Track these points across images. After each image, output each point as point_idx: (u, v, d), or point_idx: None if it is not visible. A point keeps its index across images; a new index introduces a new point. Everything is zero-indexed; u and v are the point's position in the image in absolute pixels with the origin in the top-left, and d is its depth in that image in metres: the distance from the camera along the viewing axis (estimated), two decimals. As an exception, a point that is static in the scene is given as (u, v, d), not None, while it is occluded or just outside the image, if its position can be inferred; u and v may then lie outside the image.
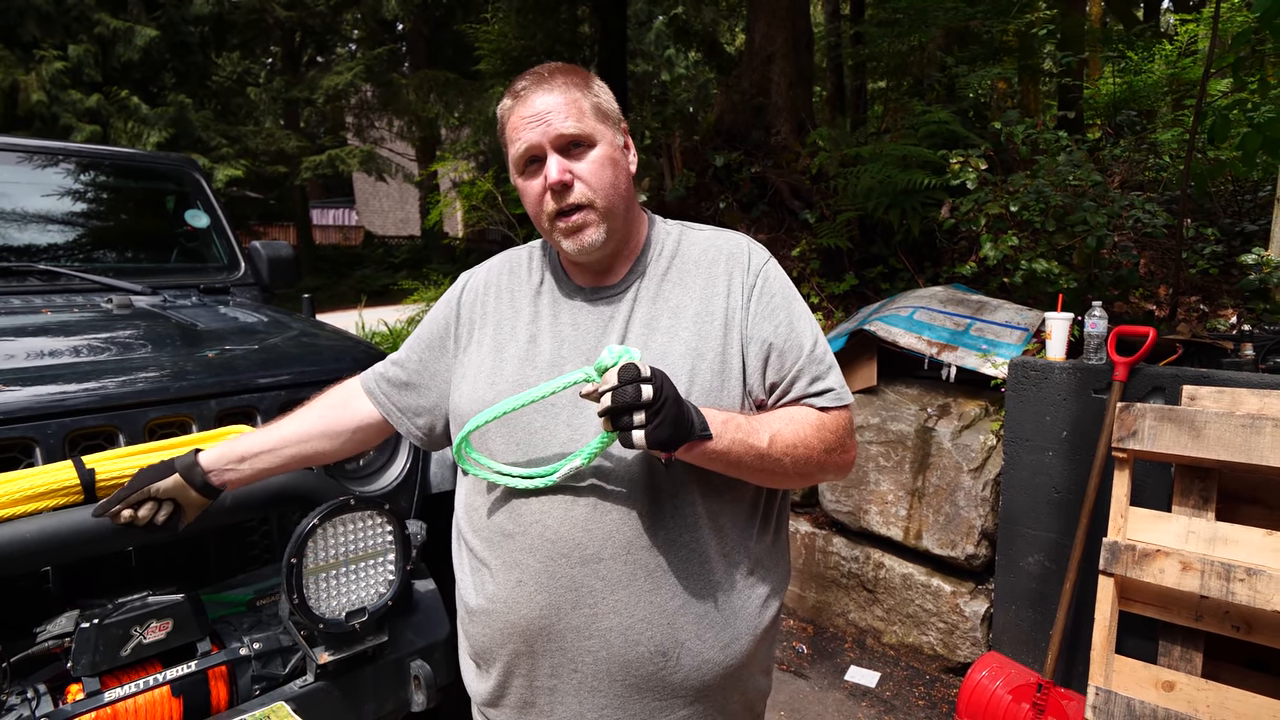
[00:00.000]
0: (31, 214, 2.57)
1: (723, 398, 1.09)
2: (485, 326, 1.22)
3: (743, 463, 1.03)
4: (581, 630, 1.07)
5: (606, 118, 1.13)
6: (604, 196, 1.10)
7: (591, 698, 1.09)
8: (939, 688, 2.78)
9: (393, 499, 1.87)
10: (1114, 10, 7.07)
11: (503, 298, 1.24)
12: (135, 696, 1.31)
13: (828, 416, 1.12)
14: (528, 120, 1.09)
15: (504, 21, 8.27)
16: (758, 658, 1.16)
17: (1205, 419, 2.01)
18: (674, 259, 1.18)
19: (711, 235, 1.21)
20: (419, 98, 16.39)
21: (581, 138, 1.09)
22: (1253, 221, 3.62)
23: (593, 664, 1.07)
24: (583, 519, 1.06)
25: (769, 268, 1.17)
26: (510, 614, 1.10)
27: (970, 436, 2.80)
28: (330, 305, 12.73)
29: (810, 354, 1.13)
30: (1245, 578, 1.90)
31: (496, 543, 1.13)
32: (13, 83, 10.94)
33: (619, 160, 1.13)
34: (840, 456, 1.13)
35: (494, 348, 1.18)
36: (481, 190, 6.42)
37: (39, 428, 1.42)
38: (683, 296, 1.14)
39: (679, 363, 1.09)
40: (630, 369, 0.93)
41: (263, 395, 1.71)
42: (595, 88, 1.13)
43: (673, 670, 1.07)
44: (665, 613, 1.06)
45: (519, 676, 1.13)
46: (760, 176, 4.69)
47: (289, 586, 1.39)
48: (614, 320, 1.14)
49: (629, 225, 1.17)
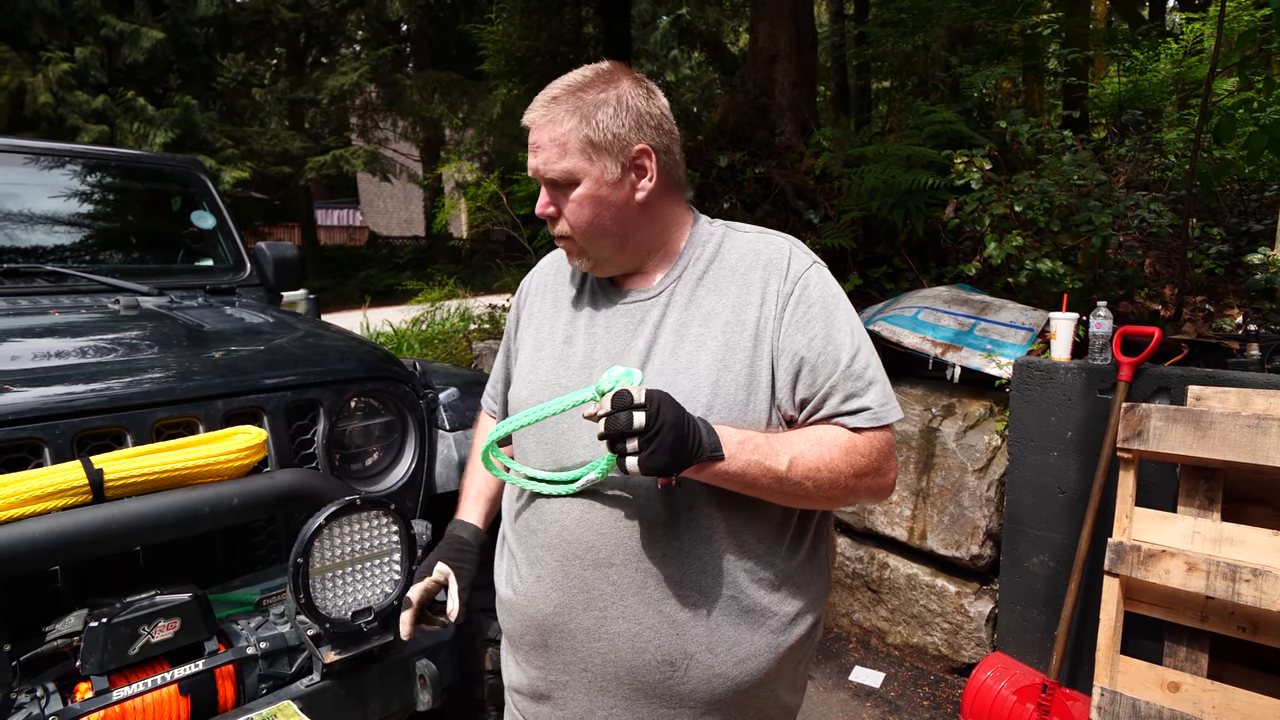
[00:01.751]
0: (38, 215, 2.59)
1: (748, 412, 1.06)
2: (529, 326, 1.26)
3: (759, 485, 1.01)
4: (591, 632, 1.08)
5: (600, 151, 1.07)
6: (581, 234, 1.11)
7: (601, 697, 1.10)
8: (944, 688, 2.78)
9: (398, 499, 1.88)
10: (1119, 9, 7.05)
11: (548, 297, 1.26)
12: (143, 695, 1.32)
13: (860, 438, 1.05)
14: (529, 143, 1.11)
15: (508, 22, 8.28)
16: (780, 675, 1.13)
17: (1211, 419, 2.01)
18: (711, 263, 1.15)
19: (753, 239, 1.18)
20: (423, 98, 16.43)
21: (560, 180, 1.08)
22: (1258, 221, 3.61)
23: (601, 665, 1.09)
24: (598, 523, 1.07)
25: (810, 275, 1.12)
26: (529, 607, 1.14)
27: (975, 437, 2.80)
28: (335, 306, 12.75)
29: (846, 369, 1.06)
30: (1251, 578, 1.89)
31: (524, 537, 1.16)
32: (20, 84, 10.99)
33: (605, 197, 1.09)
34: (874, 480, 1.07)
35: (534, 346, 1.22)
36: (486, 191, 6.43)
37: (47, 428, 1.43)
38: (716, 303, 1.11)
39: (704, 373, 1.06)
40: (623, 396, 0.92)
41: (269, 396, 1.71)
42: (600, 115, 1.07)
43: (680, 680, 1.07)
44: (674, 623, 1.06)
45: (536, 668, 1.16)
46: (764, 177, 4.68)
47: (295, 586, 1.40)
48: (644, 325, 1.13)
49: (645, 243, 1.15)
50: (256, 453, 1.57)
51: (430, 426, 2.00)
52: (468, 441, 2.02)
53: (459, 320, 7.61)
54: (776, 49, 5.21)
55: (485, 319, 6.88)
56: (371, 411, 1.93)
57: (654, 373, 1.09)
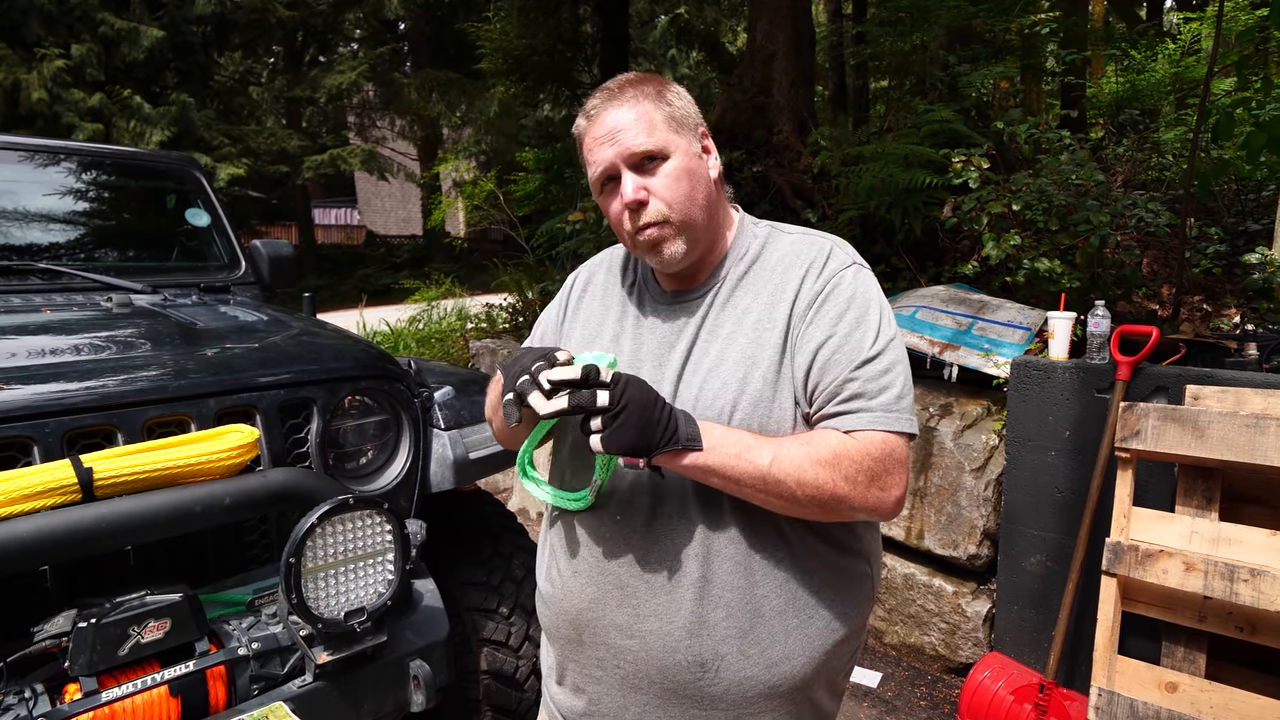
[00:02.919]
0: (31, 213, 2.57)
1: (774, 409, 1.04)
2: (576, 322, 1.26)
3: (742, 482, 0.98)
4: (624, 629, 1.08)
5: (681, 126, 1.09)
6: (680, 210, 1.07)
7: (634, 695, 1.10)
8: (941, 688, 2.77)
9: (392, 498, 1.86)
10: (1116, 9, 7.05)
11: (598, 295, 1.26)
12: (133, 696, 1.30)
13: (853, 441, 1.00)
14: (600, 140, 1.08)
15: (506, 21, 8.26)
16: (816, 680, 1.10)
17: (1209, 419, 2.00)
18: (754, 263, 1.14)
19: (797, 239, 1.15)
20: (421, 97, 16.42)
21: (655, 152, 1.06)
22: (1256, 220, 3.61)
23: (633, 663, 1.09)
24: (634, 520, 1.08)
25: (846, 274, 1.08)
26: (564, 601, 1.15)
27: (972, 436, 2.79)
28: (332, 305, 12.75)
29: (860, 368, 1.02)
30: (1249, 578, 1.88)
31: (566, 532, 1.17)
32: (14, 81, 10.97)
33: (696, 170, 1.09)
34: (869, 492, 0.99)
35: (582, 342, 1.22)
36: (483, 190, 6.42)
37: (37, 426, 1.41)
38: (751, 301, 1.10)
39: (732, 370, 1.06)
40: (590, 370, 0.93)
41: (262, 394, 1.70)
42: (670, 96, 1.10)
43: (711, 682, 1.06)
44: (706, 624, 1.05)
45: (572, 662, 1.18)
46: (762, 175, 4.68)
47: (288, 586, 1.38)
48: (687, 326, 1.12)
49: (712, 232, 1.14)
50: (249, 451, 1.55)
51: (425, 425, 1.99)
52: (463, 440, 2.01)
53: (456, 319, 7.61)
54: (774, 48, 5.20)
55: (482, 318, 6.87)
56: (366, 410, 1.92)
57: (688, 373, 1.09)
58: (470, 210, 6.86)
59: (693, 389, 1.08)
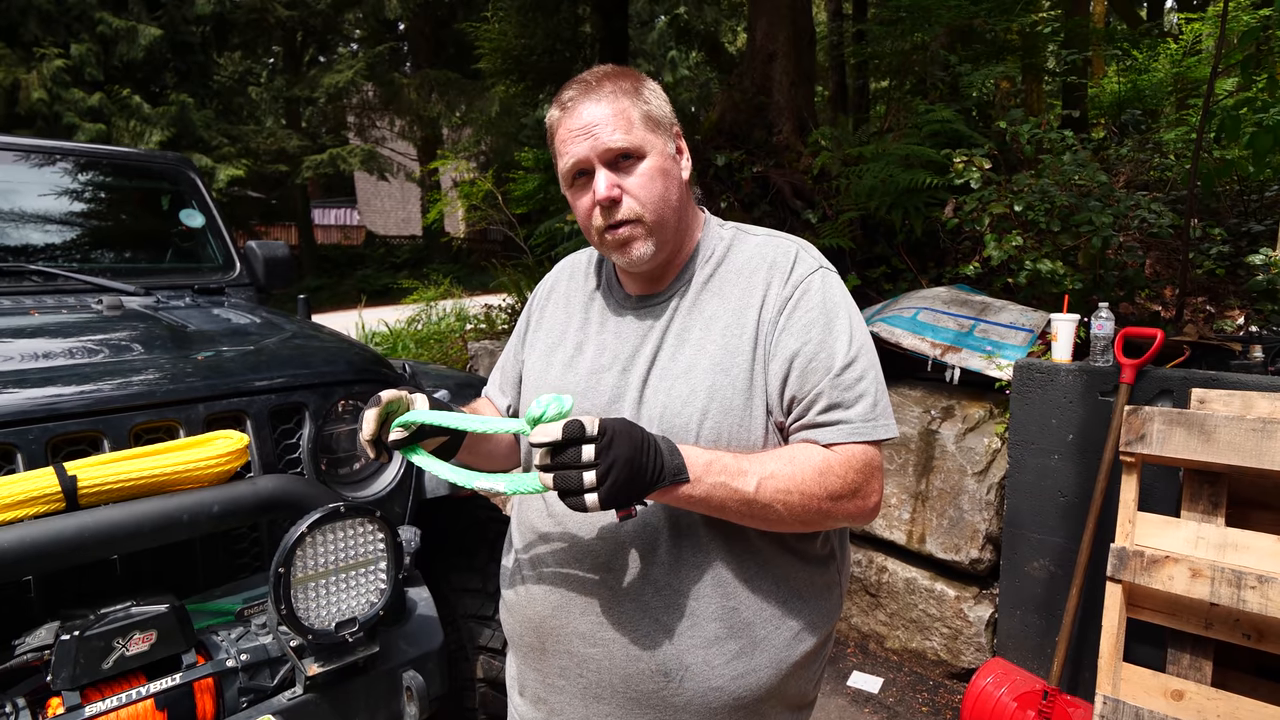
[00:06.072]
0: (23, 213, 2.54)
1: (746, 419, 1.02)
2: (540, 329, 1.25)
3: (727, 508, 0.95)
4: (587, 636, 1.06)
5: (657, 125, 1.07)
6: (653, 210, 1.05)
7: (596, 705, 1.08)
8: (943, 694, 2.74)
9: (385, 505, 1.83)
10: (1117, 9, 7.02)
11: (560, 303, 1.25)
12: (118, 710, 1.27)
13: (836, 457, 0.99)
14: (575, 133, 1.05)
15: (505, 21, 8.23)
16: (783, 692, 1.09)
17: (1215, 423, 1.97)
18: (719, 266, 1.12)
19: (761, 241, 1.14)
20: (420, 97, 16.40)
21: (630, 150, 1.04)
22: (1259, 221, 3.58)
23: (596, 672, 1.07)
24: (600, 527, 1.06)
25: (814, 279, 1.07)
26: (527, 608, 1.13)
27: (974, 439, 2.76)
28: (331, 305, 12.73)
29: (836, 377, 1.01)
30: (1256, 585, 1.86)
31: (528, 538, 1.15)
32: (13, 81, 10.95)
33: (670, 170, 1.08)
34: (851, 504, 1.00)
35: (545, 351, 1.21)
36: (482, 190, 6.39)
37: (20, 433, 1.39)
38: (718, 307, 1.08)
39: (701, 378, 1.04)
40: (573, 427, 0.84)
41: (252, 399, 1.67)
42: (646, 93, 1.08)
43: (675, 692, 1.04)
44: (670, 632, 1.03)
45: (534, 671, 1.15)
46: (762, 176, 4.65)
47: (277, 596, 1.35)
48: (653, 331, 1.11)
49: (681, 234, 1.12)
50: (238, 458, 1.53)
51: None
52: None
53: (455, 320, 7.58)
54: (774, 48, 5.17)
55: (481, 319, 6.84)
56: (359, 415, 1.89)
57: (654, 378, 1.07)
58: (469, 210, 6.83)
59: (660, 395, 1.05)
